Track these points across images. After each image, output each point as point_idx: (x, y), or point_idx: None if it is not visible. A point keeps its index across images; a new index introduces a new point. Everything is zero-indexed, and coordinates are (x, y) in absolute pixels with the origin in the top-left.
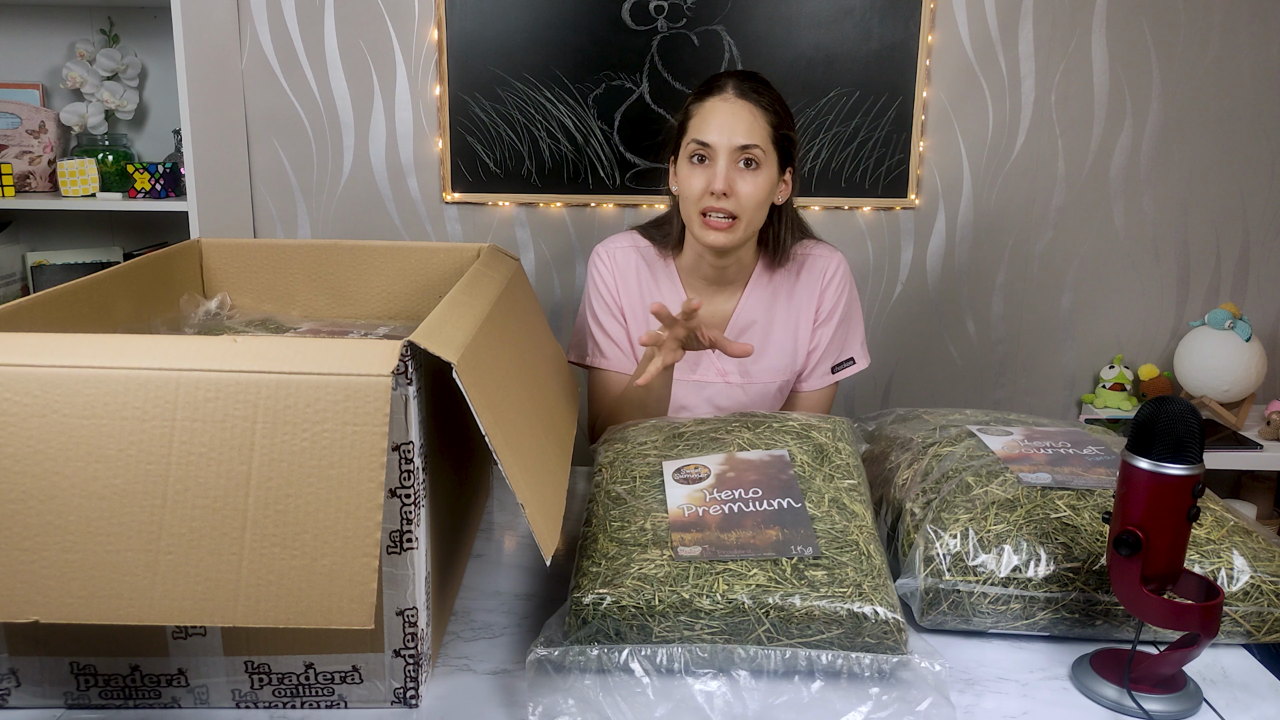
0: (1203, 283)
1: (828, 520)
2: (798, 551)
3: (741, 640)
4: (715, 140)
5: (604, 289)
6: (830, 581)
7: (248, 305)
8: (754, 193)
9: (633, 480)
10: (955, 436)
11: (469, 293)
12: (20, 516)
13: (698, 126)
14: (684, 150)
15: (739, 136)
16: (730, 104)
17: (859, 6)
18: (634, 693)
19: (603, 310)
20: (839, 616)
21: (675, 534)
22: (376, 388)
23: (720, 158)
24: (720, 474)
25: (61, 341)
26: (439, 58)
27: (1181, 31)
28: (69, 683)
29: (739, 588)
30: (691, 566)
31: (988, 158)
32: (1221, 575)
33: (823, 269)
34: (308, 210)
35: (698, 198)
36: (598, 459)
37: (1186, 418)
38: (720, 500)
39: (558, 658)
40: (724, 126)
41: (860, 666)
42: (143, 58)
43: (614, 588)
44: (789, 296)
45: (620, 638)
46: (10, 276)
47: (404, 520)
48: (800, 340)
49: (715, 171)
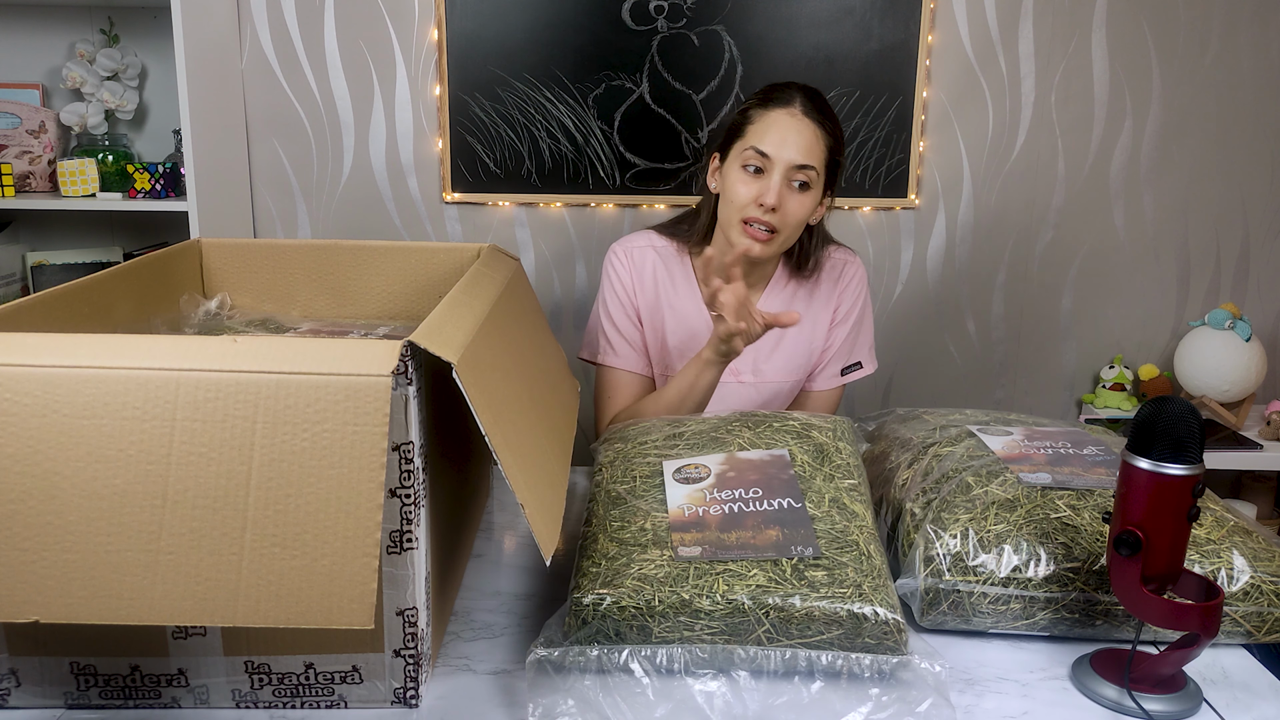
0: (1203, 283)
1: (828, 520)
2: (798, 552)
3: (741, 641)
4: (775, 153)
5: (620, 288)
6: (830, 582)
7: (248, 305)
8: (799, 212)
9: (633, 480)
10: (955, 436)
11: (469, 293)
12: (20, 516)
13: (759, 135)
14: (738, 154)
15: (799, 155)
16: (796, 120)
17: (859, 6)
18: (634, 693)
19: (616, 308)
20: (839, 617)
21: (675, 534)
22: (376, 388)
23: (776, 171)
24: (720, 474)
25: (61, 341)
26: (439, 58)
27: (1181, 31)
28: (69, 683)
29: (739, 588)
30: (691, 567)
31: (988, 158)
32: (1221, 575)
33: (841, 272)
34: (308, 210)
35: (744, 205)
36: (598, 458)
37: (1186, 418)
38: (720, 500)
39: (558, 658)
40: (786, 142)
41: (860, 667)
42: (143, 58)
43: (614, 588)
44: (808, 299)
45: (620, 638)
46: (10, 276)
47: (404, 520)
48: (815, 341)
49: (769, 184)
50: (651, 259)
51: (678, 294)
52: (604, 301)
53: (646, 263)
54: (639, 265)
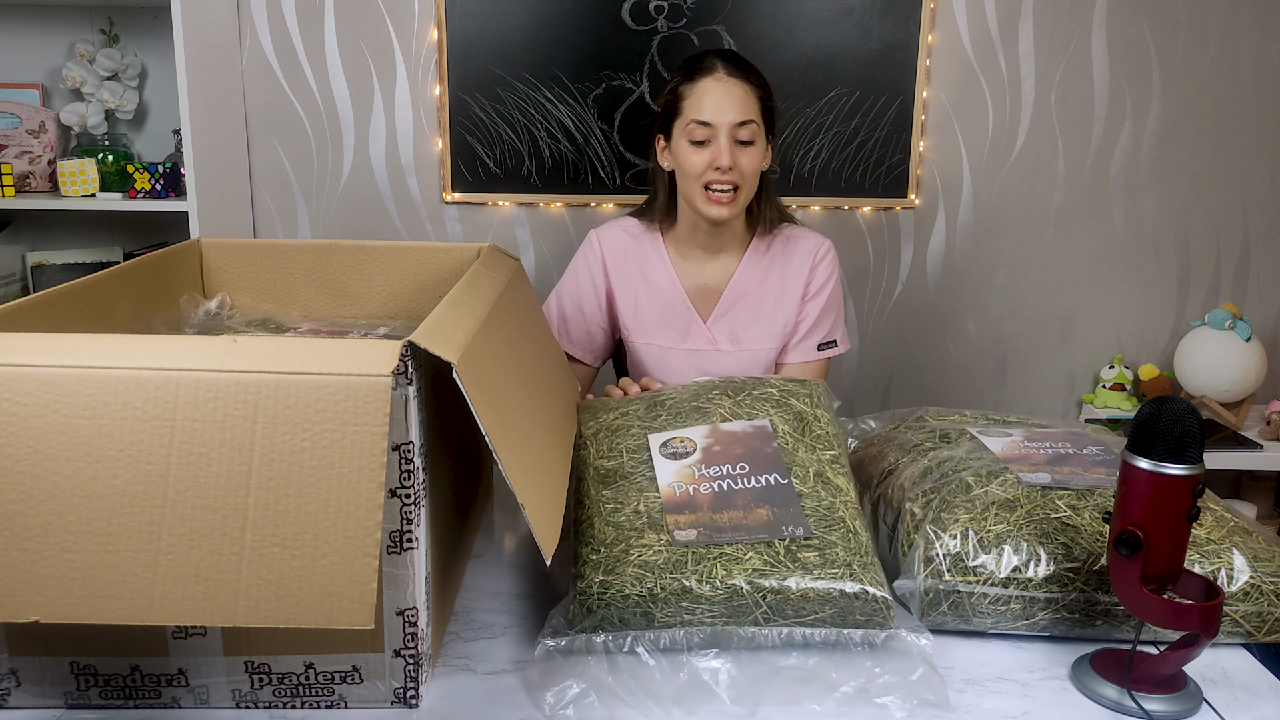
0: (1203, 283)
1: (814, 497)
2: (789, 532)
3: (740, 622)
4: (715, 119)
5: (584, 274)
6: (822, 563)
7: (248, 305)
8: (752, 163)
9: (620, 455)
10: (955, 437)
11: (469, 293)
12: (20, 516)
13: (695, 107)
14: (681, 130)
15: (737, 114)
16: (724, 83)
17: (859, 6)
18: (642, 674)
19: (570, 294)
20: (832, 597)
21: (670, 516)
22: (376, 388)
23: (721, 135)
24: (706, 447)
25: (61, 341)
26: (439, 58)
27: (1181, 31)
28: (69, 683)
29: (737, 572)
30: (689, 552)
31: (988, 158)
32: (1221, 575)
33: (814, 248)
34: (308, 210)
35: (701, 172)
36: (581, 431)
37: (1186, 418)
38: (709, 478)
39: (565, 646)
40: (722, 106)
41: (853, 642)
42: (143, 58)
43: (616, 575)
44: (782, 271)
45: (624, 624)
46: (10, 276)
47: (404, 520)
48: (789, 311)
49: (719, 148)
50: (623, 238)
51: (650, 265)
52: (563, 283)
53: (619, 242)
54: (611, 245)
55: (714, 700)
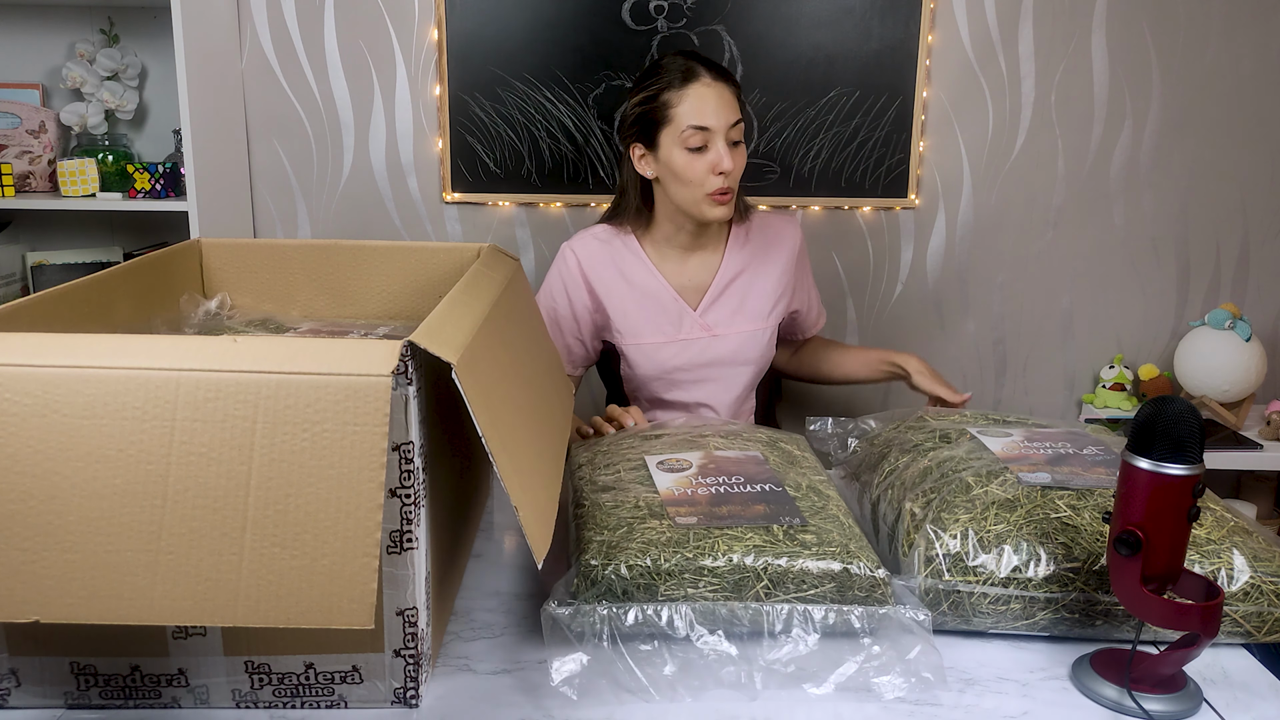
0: (1203, 283)
1: (807, 500)
2: (785, 521)
3: (741, 597)
4: (714, 123)
5: (558, 288)
6: (819, 542)
7: (248, 305)
8: (743, 161)
9: (617, 471)
10: (955, 437)
11: (469, 293)
12: (20, 516)
13: (691, 113)
14: (674, 138)
15: (731, 114)
16: (712, 86)
17: (859, 6)
18: (644, 654)
19: (548, 303)
20: (830, 572)
21: (670, 507)
22: (376, 388)
23: (718, 138)
24: (702, 465)
25: (61, 341)
26: (439, 58)
27: (1181, 31)
28: (69, 683)
29: (738, 548)
30: (691, 531)
31: (988, 158)
32: (1221, 575)
33: (789, 226)
34: (308, 210)
35: (703, 179)
36: (574, 459)
37: (1186, 418)
38: (707, 485)
39: (569, 616)
40: (719, 109)
41: (852, 620)
42: (143, 58)
43: (620, 549)
44: (764, 251)
45: (627, 596)
46: (10, 276)
47: (404, 520)
48: (778, 287)
49: (719, 152)
50: (596, 246)
51: (630, 269)
52: (538, 298)
53: (594, 251)
54: (588, 256)
55: (715, 680)
